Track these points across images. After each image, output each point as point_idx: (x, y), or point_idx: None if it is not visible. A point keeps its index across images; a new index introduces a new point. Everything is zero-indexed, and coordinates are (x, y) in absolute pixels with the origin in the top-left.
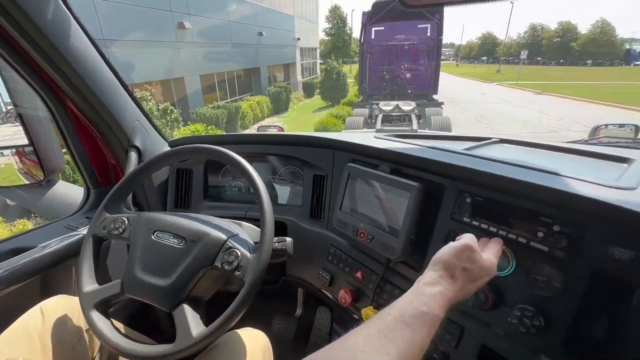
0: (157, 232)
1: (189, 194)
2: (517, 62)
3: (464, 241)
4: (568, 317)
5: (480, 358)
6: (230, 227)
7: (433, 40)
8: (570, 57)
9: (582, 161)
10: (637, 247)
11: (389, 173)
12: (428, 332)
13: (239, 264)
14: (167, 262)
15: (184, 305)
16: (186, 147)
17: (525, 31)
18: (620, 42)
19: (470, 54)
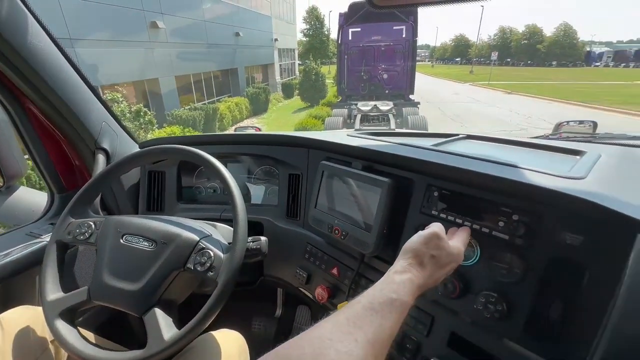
0: (126, 235)
1: (161, 196)
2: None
3: (432, 229)
4: (528, 302)
5: (450, 345)
6: (203, 228)
7: (408, 41)
8: (537, 59)
9: (540, 154)
10: (585, 232)
11: (361, 170)
12: (397, 318)
13: (211, 265)
14: (137, 265)
15: (155, 309)
16: (156, 147)
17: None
18: (581, 45)
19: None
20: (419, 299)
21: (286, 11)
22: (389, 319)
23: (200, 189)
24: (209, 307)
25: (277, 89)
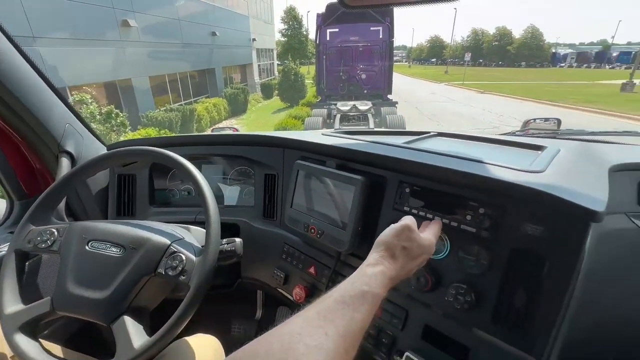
0: (92, 241)
1: (132, 200)
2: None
3: (403, 222)
4: (494, 292)
5: (424, 337)
6: (175, 231)
7: (385, 42)
8: (507, 59)
9: (505, 150)
10: (544, 222)
11: (335, 168)
12: (369, 310)
13: (183, 269)
14: (104, 272)
15: (124, 317)
16: (124, 149)
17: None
18: (547, 46)
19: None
20: (393, 294)
21: (264, 11)
22: (361, 311)
23: (174, 191)
24: (181, 312)
25: (256, 90)
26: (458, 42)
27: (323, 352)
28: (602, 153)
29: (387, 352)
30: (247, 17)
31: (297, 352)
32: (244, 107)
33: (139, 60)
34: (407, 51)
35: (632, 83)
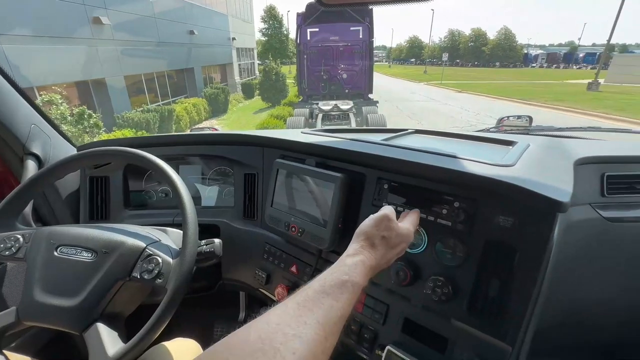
0: (62, 247)
1: (106, 203)
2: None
3: (382, 212)
4: (470, 283)
5: (404, 330)
6: (150, 233)
7: (365, 41)
8: (482, 60)
9: (479, 146)
10: (515, 214)
11: (315, 166)
12: (349, 299)
13: (160, 272)
14: (75, 279)
15: (97, 324)
16: (95, 149)
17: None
18: (520, 47)
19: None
20: (374, 289)
21: (243, 10)
22: (340, 300)
23: (150, 193)
24: (158, 315)
25: (236, 90)
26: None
27: (302, 339)
28: (568, 148)
29: (369, 348)
30: (225, 16)
31: (275, 341)
32: (225, 107)
33: (113, 59)
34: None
35: (597, 82)
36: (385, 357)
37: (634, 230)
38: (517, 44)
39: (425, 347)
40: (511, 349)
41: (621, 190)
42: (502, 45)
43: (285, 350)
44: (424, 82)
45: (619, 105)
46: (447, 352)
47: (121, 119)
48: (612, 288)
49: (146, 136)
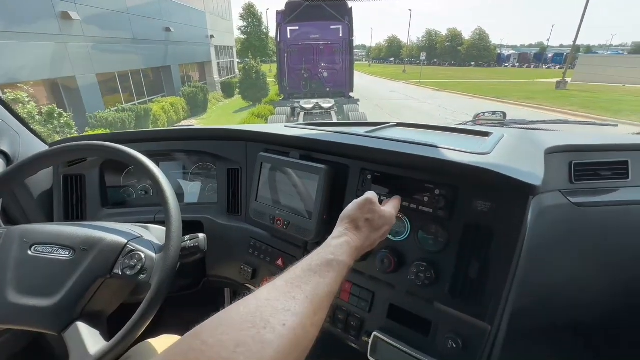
0: (36, 246)
1: (82, 202)
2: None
3: (365, 196)
4: (451, 266)
5: (389, 316)
6: (131, 230)
7: (345, 40)
8: (458, 59)
9: (457, 137)
10: (492, 198)
11: (299, 159)
12: (335, 277)
13: (143, 267)
14: (52, 278)
15: (77, 324)
16: (69, 145)
17: (423, 36)
18: (493, 47)
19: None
20: (360, 278)
21: (221, 7)
22: (327, 277)
23: (129, 191)
24: (142, 312)
25: (216, 88)
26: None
27: (291, 312)
28: (539, 138)
29: (356, 335)
30: (203, 13)
31: (265, 313)
32: (204, 107)
33: (84, 56)
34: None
35: (565, 81)
36: (372, 343)
37: (599, 214)
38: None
39: (410, 330)
40: (490, 327)
41: (587, 177)
42: (476, 45)
43: (275, 322)
44: (403, 81)
45: (584, 103)
46: (431, 334)
47: (94, 118)
48: (581, 270)
49: (122, 132)
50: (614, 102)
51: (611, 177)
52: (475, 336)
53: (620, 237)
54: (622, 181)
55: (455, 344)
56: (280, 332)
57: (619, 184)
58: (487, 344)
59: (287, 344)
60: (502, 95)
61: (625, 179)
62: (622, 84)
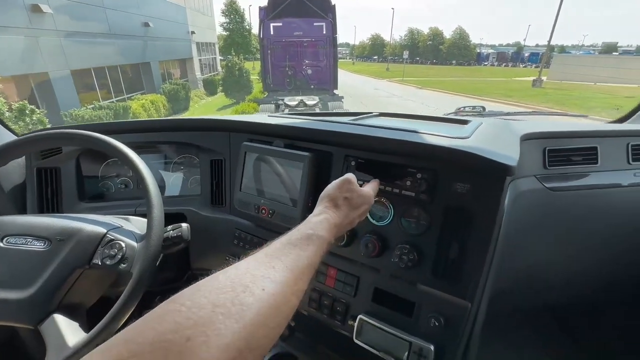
0: (8, 237)
1: (57, 196)
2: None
3: (344, 176)
4: (433, 248)
5: (374, 299)
6: (111, 220)
7: (329, 37)
8: (440, 58)
9: (438, 124)
10: (470, 180)
11: (283, 147)
12: (315, 251)
13: (123, 256)
14: (26, 269)
15: (54, 316)
16: (39, 133)
17: (405, 34)
18: (473, 47)
19: (364, 53)
20: (345, 263)
21: (202, 3)
22: (307, 250)
23: (108, 185)
24: (123, 301)
25: (198, 86)
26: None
27: (270, 279)
28: (515, 126)
29: (342, 320)
30: (183, 8)
31: (245, 279)
32: (186, 104)
33: (57, 52)
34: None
35: (541, 80)
36: (357, 326)
37: (570, 198)
38: (470, 44)
39: (395, 312)
40: (470, 305)
41: (560, 163)
42: (457, 44)
43: (254, 287)
44: (387, 79)
45: (559, 100)
46: (414, 315)
47: (69, 116)
48: (556, 254)
49: (100, 123)
50: (586, 99)
51: (582, 163)
52: (456, 314)
53: (591, 221)
54: (592, 166)
55: (438, 322)
56: (260, 296)
57: (589, 169)
58: (467, 321)
59: (267, 307)
60: (482, 93)
61: (595, 164)
62: (593, 82)
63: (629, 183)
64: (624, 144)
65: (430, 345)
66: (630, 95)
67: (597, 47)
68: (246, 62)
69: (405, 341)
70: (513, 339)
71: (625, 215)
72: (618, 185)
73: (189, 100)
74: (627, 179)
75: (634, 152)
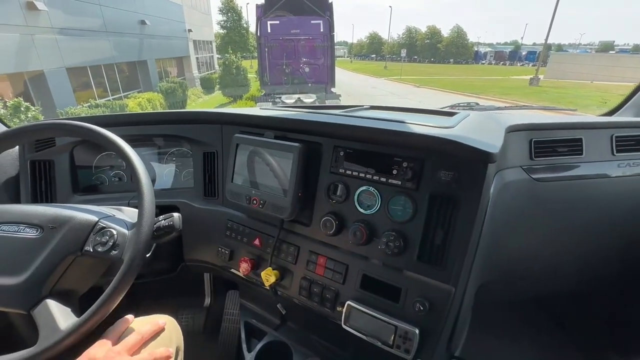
0: (2, 225)
1: (51, 188)
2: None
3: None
4: (419, 235)
5: (362, 286)
6: (103, 210)
7: (326, 35)
8: (437, 56)
9: (426, 116)
10: (454, 168)
11: (273, 139)
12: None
13: (115, 243)
14: (19, 256)
15: (47, 301)
16: (31, 124)
17: (403, 33)
18: (470, 45)
19: (361, 51)
20: (334, 252)
21: (199, 0)
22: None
23: (102, 177)
24: (114, 286)
25: (195, 84)
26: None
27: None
28: (502, 118)
29: (331, 307)
30: (180, 6)
31: None
32: (183, 103)
33: (52, 50)
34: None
35: (537, 78)
36: (345, 312)
37: (556, 188)
38: (468, 42)
39: (382, 298)
40: (454, 289)
41: (546, 154)
42: (455, 43)
43: None
44: (385, 77)
45: (555, 98)
46: (401, 300)
47: (65, 115)
48: (543, 242)
49: (93, 115)
50: (582, 97)
51: (567, 154)
52: (441, 298)
53: (577, 210)
54: (577, 157)
55: (423, 307)
56: None
57: (574, 160)
58: (452, 306)
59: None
60: (480, 91)
61: (580, 155)
62: (590, 80)
63: (614, 174)
64: (608, 136)
65: (415, 329)
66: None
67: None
68: (244, 60)
69: (392, 325)
70: (503, 327)
71: (610, 205)
72: (603, 175)
73: (186, 99)
74: (612, 169)
75: (618, 143)
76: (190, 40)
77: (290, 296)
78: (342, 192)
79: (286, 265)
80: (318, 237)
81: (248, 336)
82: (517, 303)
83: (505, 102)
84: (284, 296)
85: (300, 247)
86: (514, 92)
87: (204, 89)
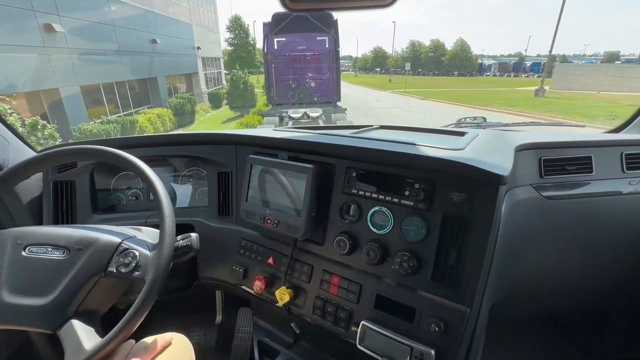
0: (30, 247)
1: (72, 208)
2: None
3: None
4: (432, 255)
5: (376, 306)
6: (124, 230)
7: (332, 51)
8: (442, 69)
9: (436, 136)
10: (465, 190)
11: (287, 160)
12: None
13: (137, 264)
14: (46, 277)
15: (72, 321)
16: (59, 149)
17: (407, 46)
18: (474, 57)
19: (366, 65)
20: (348, 271)
21: (207, 19)
22: None
23: (120, 197)
24: (137, 307)
25: (203, 99)
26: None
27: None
28: (510, 137)
29: (345, 326)
30: (189, 25)
31: None
32: (192, 118)
33: (68, 68)
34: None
35: (543, 89)
36: (360, 332)
37: (567, 206)
38: (472, 55)
39: (396, 318)
40: (469, 310)
41: (556, 172)
42: (459, 55)
43: None
44: (389, 90)
45: (562, 109)
46: (415, 320)
47: (78, 130)
48: (556, 261)
49: (113, 138)
50: (590, 108)
51: (577, 172)
52: (456, 319)
53: (588, 228)
54: (587, 175)
55: (438, 328)
56: None
57: (584, 177)
58: (467, 327)
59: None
60: (485, 103)
61: (590, 172)
62: (596, 91)
63: (625, 191)
64: (618, 153)
65: (431, 350)
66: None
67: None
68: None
69: (407, 346)
70: (516, 346)
71: (622, 222)
72: (614, 193)
73: (194, 114)
74: (623, 187)
75: (628, 161)
76: (199, 57)
77: (304, 315)
78: (355, 212)
79: (300, 284)
80: (331, 256)
81: (261, 355)
82: (531, 319)
83: (511, 114)
84: (297, 315)
85: (313, 266)
86: (520, 104)
87: (212, 104)
